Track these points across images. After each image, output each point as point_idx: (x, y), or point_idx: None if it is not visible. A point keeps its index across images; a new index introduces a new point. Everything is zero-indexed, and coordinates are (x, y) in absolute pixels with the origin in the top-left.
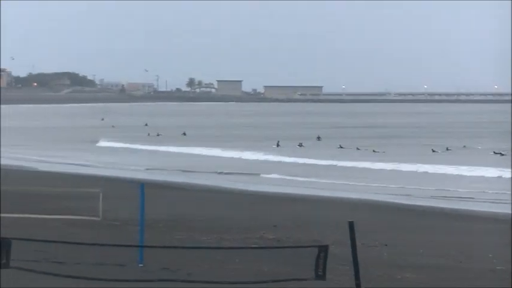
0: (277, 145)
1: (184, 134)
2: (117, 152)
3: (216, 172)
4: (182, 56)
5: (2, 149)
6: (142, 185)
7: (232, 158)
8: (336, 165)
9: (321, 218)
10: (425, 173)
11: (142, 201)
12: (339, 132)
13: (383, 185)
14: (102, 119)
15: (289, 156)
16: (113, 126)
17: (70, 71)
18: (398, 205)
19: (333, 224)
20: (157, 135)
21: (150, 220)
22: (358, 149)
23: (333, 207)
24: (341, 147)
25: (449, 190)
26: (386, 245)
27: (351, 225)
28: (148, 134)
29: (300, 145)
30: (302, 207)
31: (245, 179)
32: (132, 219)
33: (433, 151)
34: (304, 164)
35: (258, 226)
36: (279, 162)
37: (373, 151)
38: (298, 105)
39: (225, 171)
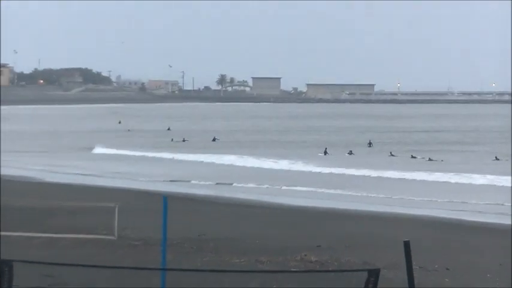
0: (325, 153)
1: (214, 139)
2: (118, 160)
3: (248, 184)
4: (212, 52)
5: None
6: (165, 198)
7: (269, 169)
8: (388, 177)
9: (372, 237)
10: (491, 185)
11: (165, 216)
12: (393, 137)
13: (441, 199)
14: (119, 122)
15: (338, 165)
16: (128, 130)
17: (82, 66)
18: (461, 222)
19: (386, 244)
20: (183, 140)
21: (174, 239)
22: (413, 157)
23: (386, 225)
24: (392, 155)
25: None
26: (448, 268)
27: (407, 246)
28: (172, 140)
29: (350, 153)
30: (349, 224)
31: (282, 192)
32: (153, 237)
33: (496, 159)
34: (352, 176)
35: (298, 247)
36: (320, 173)
37: (429, 159)
38: (346, 106)
39: (258, 183)
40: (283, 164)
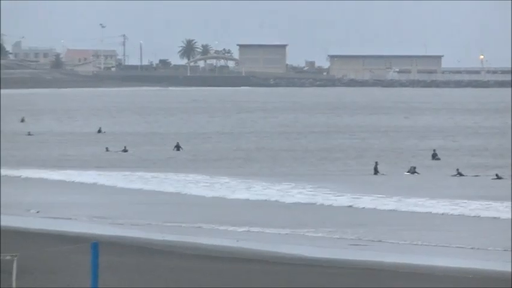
0: (375, 171)
1: (178, 147)
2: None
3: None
4: (172, 5)
5: None
6: (96, 245)
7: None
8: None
9: None
10: None
11: (95, 274)
12: (469, 141)
13: None
14: (22, 120)
15: (401, 194)
16: (29, 134)
17: None
18: None
19: None
20: (124, 150)
21: None
22: (498, 177)
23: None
24: (460, 175)
25: None
26: None
27: None
28: (107, 149)
29: (413, 171)
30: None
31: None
32: None
33: None
34: (433, 215)
35: None
36: (376, 209)
37: None
38: (395, 91)
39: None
40: (304, 194)
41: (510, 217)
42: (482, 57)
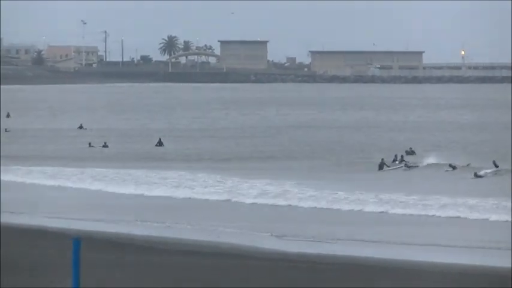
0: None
1: (160, 143)
2: None
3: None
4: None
5: None
6: (77, 242)
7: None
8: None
9: None
10: None
11: (77, 271)
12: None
13: None
14: (8, 116)
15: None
16: (6, 130)
17: None
18: None
19: None
20: (104, 146)
21: None
22: (477, 176)
23: None
24: (452, 167)
25: None
26: None
27: None
28: (90, 144)
29: (478, 175)
30: None
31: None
32: None
33: None
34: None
35: None
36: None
37: None
38: (375, 87)
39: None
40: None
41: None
42: (463, 52)
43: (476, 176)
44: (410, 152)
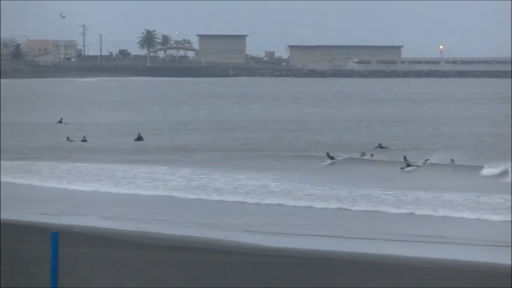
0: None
1: (140, 138)
2: None
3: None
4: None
5: None
6: (55, 235)
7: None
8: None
9: None
10: None
11: (55, 265)
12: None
13: None
14: None
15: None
16: None
17: None
18: None
19: None
20: (83, 140)
21: None
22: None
23: None
24: (408, 163)
25: None
26: None
27: None
28: (69, 139)
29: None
30: None
31: None
32: None
33: None
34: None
35: None
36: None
37: None
38: (355, 81)
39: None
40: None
41: None
42: (441, 47)
43: (404, 167)
44: (381, 147)
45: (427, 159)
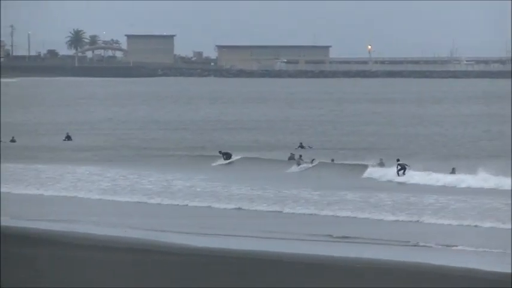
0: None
1: (68, 137)
2: None
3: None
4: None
5: None
6: None
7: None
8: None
9: None
10: None
11: None
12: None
13: None
14: None
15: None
16: None
17: None
18: None
19: None
20: (12, 140)
21: None
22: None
23: None
24: (334, 162)
25: None
26: None
27: None
28: None
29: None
30: None
31: None
32: None
33: None
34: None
35: None
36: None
37: None
38: (283, 81)
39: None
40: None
41: None
42: (370, 47)
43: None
44: (302, 147)
45: (313, 159)
